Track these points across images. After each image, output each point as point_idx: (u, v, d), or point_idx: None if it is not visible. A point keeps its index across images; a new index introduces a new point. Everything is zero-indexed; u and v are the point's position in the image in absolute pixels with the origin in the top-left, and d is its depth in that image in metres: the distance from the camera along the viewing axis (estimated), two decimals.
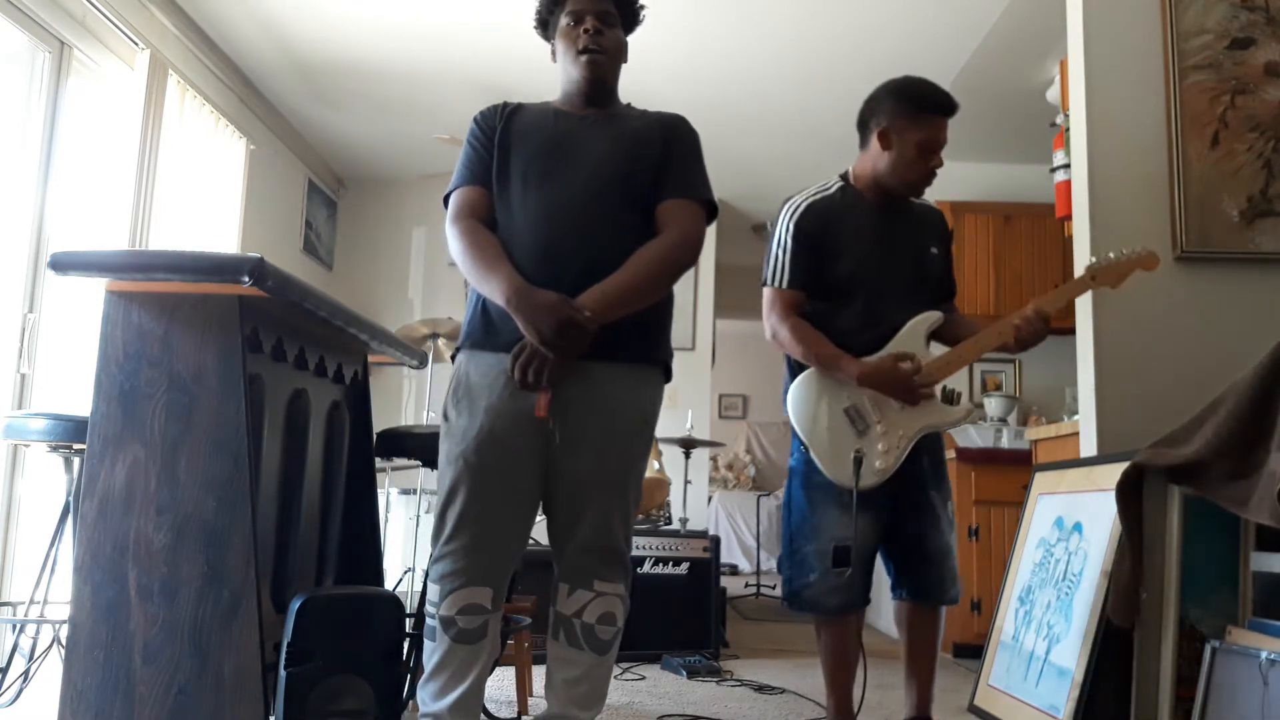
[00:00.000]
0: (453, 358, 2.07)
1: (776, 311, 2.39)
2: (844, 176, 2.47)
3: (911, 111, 2.35)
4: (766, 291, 2.43)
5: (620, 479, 1.94)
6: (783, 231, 2.41)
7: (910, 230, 2.43)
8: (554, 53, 2.09)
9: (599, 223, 1.94)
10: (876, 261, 2.36)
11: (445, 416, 1.98)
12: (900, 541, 2.39)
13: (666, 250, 1.95)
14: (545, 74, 2.13)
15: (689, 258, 1.99)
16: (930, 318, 2.36)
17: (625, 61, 2.13)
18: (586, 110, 2.06)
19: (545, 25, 2.13)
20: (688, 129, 2.11)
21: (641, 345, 1.97)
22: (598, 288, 1.87)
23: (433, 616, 1.92)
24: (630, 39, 2.16)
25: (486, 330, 1.96)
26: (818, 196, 2.43)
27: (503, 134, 2.03)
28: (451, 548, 1.91)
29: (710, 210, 2.07)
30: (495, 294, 1.88)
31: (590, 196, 1.94)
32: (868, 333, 2.34)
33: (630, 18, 2.13)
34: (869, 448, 2.28)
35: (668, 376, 2.06)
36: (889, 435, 2.29)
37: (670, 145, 2.05)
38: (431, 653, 1.92)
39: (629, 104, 2.14)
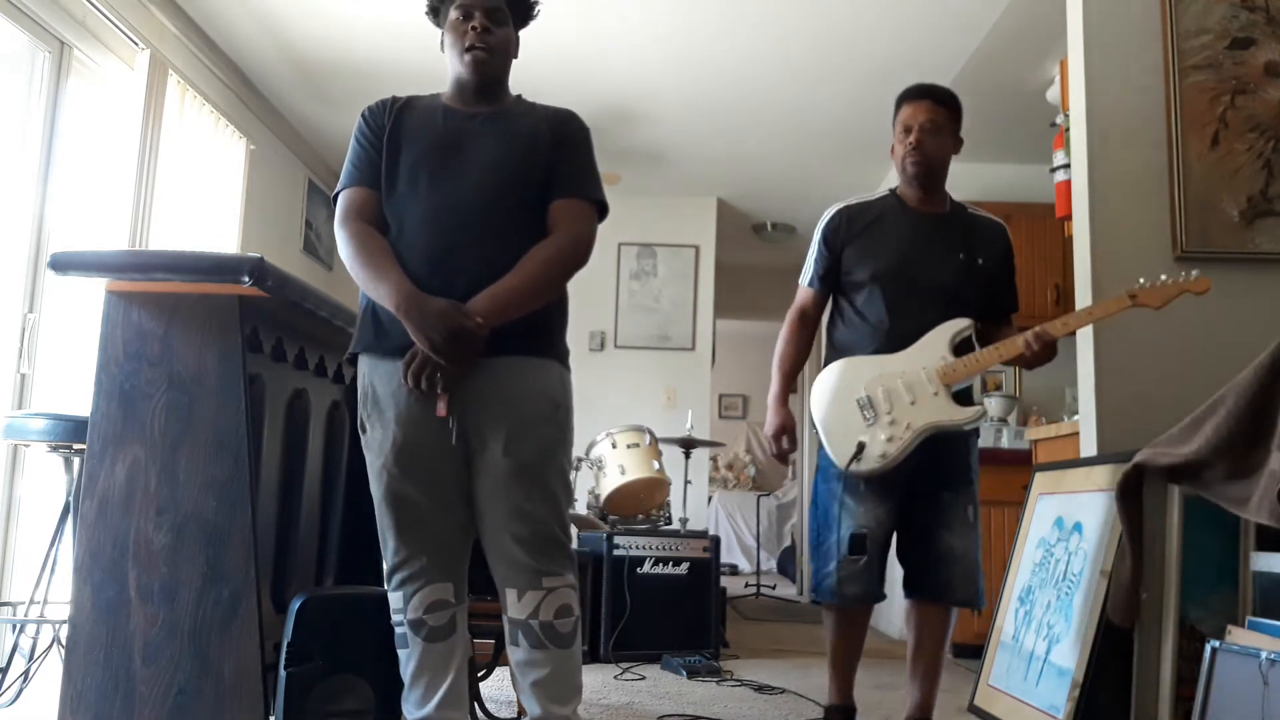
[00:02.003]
0: (351, 362, 2.05)
1: (793, 307, 2.60)
2: (893, 189, 2.59)
3: (894, 114, 2.56)
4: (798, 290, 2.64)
5: (538, 467, 1.90)
6: (816, 232, 2.58)
7: (955, 239, 2.49)
8: (442, 43, 2.06)
9: (491, 224, 1.92)
10: (906, 262, 2.45)
11: (362, 429, 1.98)
12: (910, 539, 2.46)
13: (557, 251, 1.94)
14: (545, 73, 2.13)
15: (580, 258, 1.98)
16: (957, 325, 2.41)
17: (515, 57, 2.10)
18: (477, 107, 2.04)
19: (436, 13, 2.09)
20: (579, 125, 2.08)
21: (537, 342, 1.96)
22: (488, 292, 1.86)
23: (401, 624, 1.93)
24: (630, 38, 2.15)
25: (378, 334, 1.95)
26: (855, 202, 2.57)
27: (391, 133, 2.00)
28: (402, 556, 1.94)
29: (601, 209, 2.05)
30: (385, 300, 1.87)
31: (482, 198, 1.93)
32: (896, 328, 2.43)
33: (522, 14, 2.10)
34: (873, 436, 2.37)
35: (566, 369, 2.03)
36: (895, 426, 2.37)
37: (561, 143, 2.02)
38: (407, 660, 1.93)
39: (519, 96, 2.11)
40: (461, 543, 1.98)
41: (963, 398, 2.42)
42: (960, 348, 2.41)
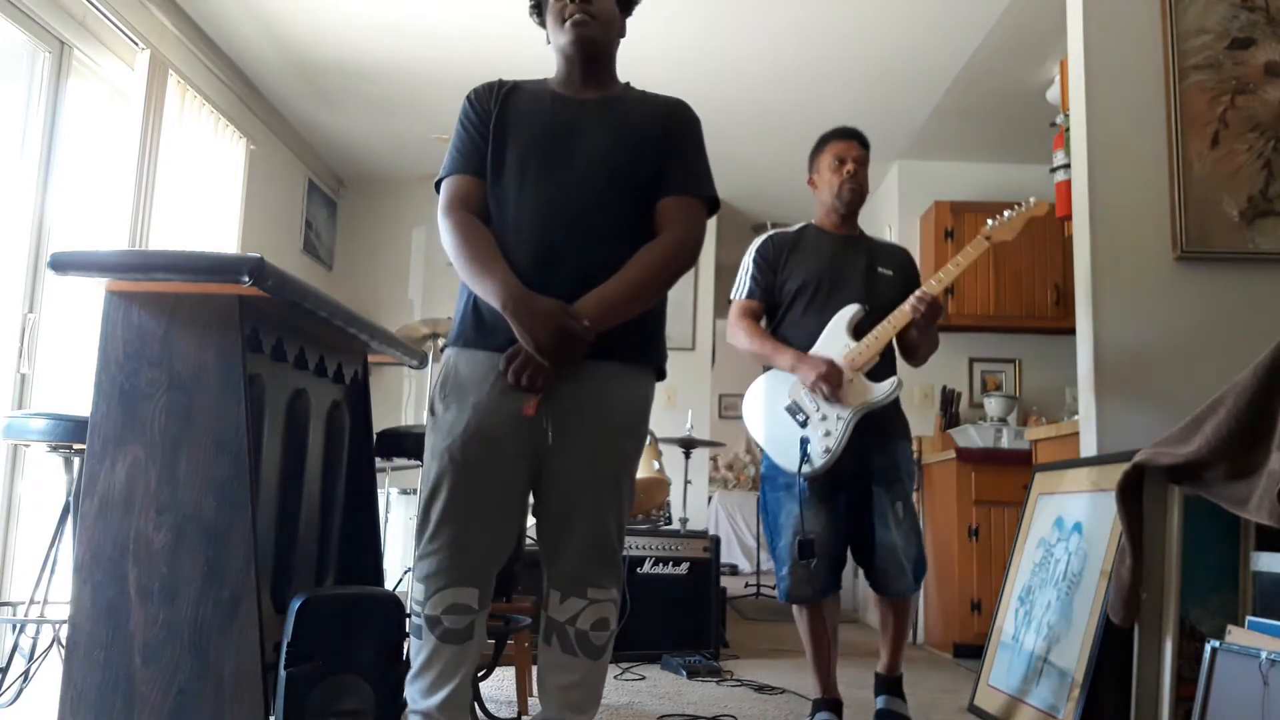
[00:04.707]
0: (443, 351, 2.03)
1: (734, 316, 2.82)
2: (809, 223, 2.91)
3: (817, 151, 2.89)
4: (731, 305, 2.86)
5: (614, 477, 1.88)
6: (746, 257, 2.87)
7: (862, 256, 2.79)
8: (548, 36, 2.02)
9: (599, 220, 1.88)
10: (822, 274, 2.74)
11: (432, 410, 1.92)
12: (855, 537, 2.69)
13: (666, 254, 1.89)
14: (546, 72, 2.11)
15: (689, 260, 1.93)
16: (848, 312, 2.65)
17: (622, 36, 2.05)
18: (585, 93, 1.99)
19: (539, 9, 2.04)
20: (689, 115, 2.03)
21: (637, 347, 1.92)
22: (596, 293, 1.81)
23: (418, 615, 1.87)
24: (629, 37, 2.12)
25: (479, 329, 1.89)
26: (779, 231, 2.89)
27: (499, 118, 1.94)
28: (435, 546, 1.85)
29: (712, 205, 2.01)
30: (491, 296, 1.82)
31: (590, 193, 1.88)
32: (810, 328, 2.70)
33: None
34: (812, 434, 2.60)
35: (660, 377, 2.01)
36: (827, 420, 2.59)
37: (671, 135, 1.97)
38: (418, 650, 1.87)
39: (628, 84, 2.07)
40: (499, 548, 1.91)
41: (878, 374, 2.62)
42: (859, 330, 2.64)
